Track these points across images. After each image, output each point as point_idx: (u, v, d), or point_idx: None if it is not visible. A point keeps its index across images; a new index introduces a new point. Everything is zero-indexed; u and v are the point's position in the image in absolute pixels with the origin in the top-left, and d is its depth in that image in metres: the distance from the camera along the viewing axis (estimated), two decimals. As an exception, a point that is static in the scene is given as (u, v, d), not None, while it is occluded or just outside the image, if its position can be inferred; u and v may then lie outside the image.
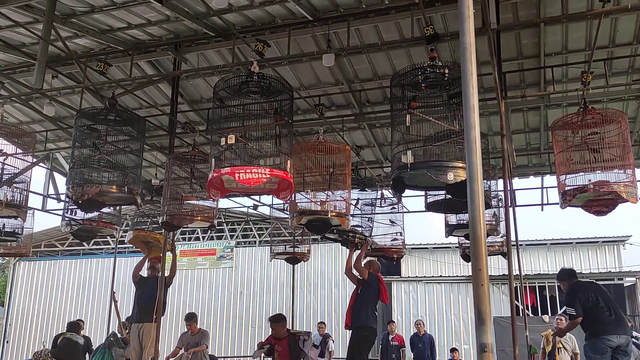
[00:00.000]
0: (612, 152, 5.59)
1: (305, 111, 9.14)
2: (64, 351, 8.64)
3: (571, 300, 6.31)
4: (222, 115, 5.24)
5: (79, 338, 9.00)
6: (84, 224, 8.73)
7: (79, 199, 5.62)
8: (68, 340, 8.75)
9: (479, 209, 2.46)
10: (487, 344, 2.30)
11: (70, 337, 8.80)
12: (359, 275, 6.90)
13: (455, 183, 4.53)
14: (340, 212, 6.28)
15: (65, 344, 8.71)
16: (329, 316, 17.35)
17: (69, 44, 7.23)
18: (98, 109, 6.26)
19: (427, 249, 19.84)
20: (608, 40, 7.25)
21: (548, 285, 17.14)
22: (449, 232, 8.51)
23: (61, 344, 8.73)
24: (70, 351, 8.66)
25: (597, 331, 6.10)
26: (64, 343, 8.74)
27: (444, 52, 7.29)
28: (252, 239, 20.15)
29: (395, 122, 5.12)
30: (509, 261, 6.08)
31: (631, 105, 8.77)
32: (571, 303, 6.29)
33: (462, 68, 2.61)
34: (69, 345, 8.70)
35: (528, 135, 10.04)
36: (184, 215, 6.77)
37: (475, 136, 2.54)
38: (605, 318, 6.13)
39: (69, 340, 8.75)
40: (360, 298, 6.82)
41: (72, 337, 8.84)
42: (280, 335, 7.23)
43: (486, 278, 2.39)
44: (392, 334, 11.40)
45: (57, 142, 10.94)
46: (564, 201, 5.66)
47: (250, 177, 4.63)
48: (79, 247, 21.68)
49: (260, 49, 5.68)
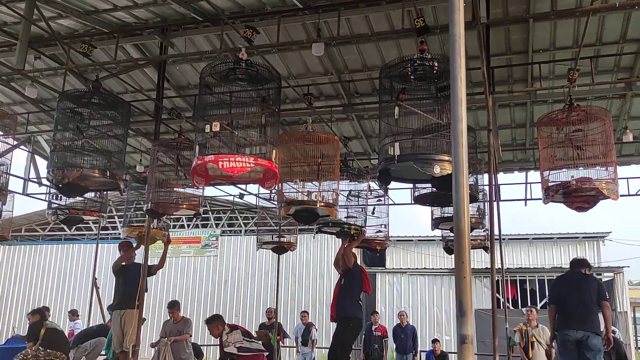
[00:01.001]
0: (595, 149, 5.64)
1: (293, 100, 9.10)
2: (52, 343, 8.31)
3: (549, 289, 6.53)
4: (208, 102, 5.19)
5: (54, 324, 8.76)
6: (71, 213, 8.64)
7: (60, 183, 5.54)
8: (53, 330, 8.39)
9: (463, 202, 2.46)
10: (468, 335, 2.31)
11: (54, 327, 8.48)
12: (347, 263, 6.90)
13: (441, 176, 4.54)
14: (329, 203, 6.27)
15: (51, 334, 8.31)
16: (313, 306, 17.41)
17: (52, 24, 7.09)
18: (81, 92, 6.16)
19: (412, 241, 19.98)
20: (595, 38, 7.30)
21: (529, 279, 17.37)
22: (435, 225, 8.57)
23: (47, 336, 8.24)
24: (58, 341, 8.39)
25: (560, 325, 6.26)
26: (50, 334, 8.30)
27: (433, 44, 7.28)
28: (237, 228, 20.11)
29: (384, 113, 5.10)
30: (491, 255, 6.13)
31: (615, 103, 8.87)
32: (549, 292, 6.49)
33: (451, 60, 2.60)
34: (56, 334, 8.38)
35: (514, 131, 10.11)
36: (169, 203, 6.71)
37: (462, 129, 2.53)
38: (567, 312, 6.23)
39: (54, 330, 8.41)
40: (344, 289, 6.84)
41: (53, 325, 8.56)
42: (217, 335, 7.50)
43: (468, 271, 2.40)
44: (376, 324, 11.47)
45: (39, 125, 10.78)
46: (546, 196, 5.72)
47: (234, 166, 4.59)
48: (61, 233, 21.47)
49: (249, 35, 5.62)
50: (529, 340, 8.20)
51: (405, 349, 11.86)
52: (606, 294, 6.40)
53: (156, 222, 9.03)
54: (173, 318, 8.78)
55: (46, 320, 8.53)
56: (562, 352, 6.25)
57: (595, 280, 6.59)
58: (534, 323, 8.34)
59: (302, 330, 12.27)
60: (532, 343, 8.17)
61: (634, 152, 10.66)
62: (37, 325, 8.27)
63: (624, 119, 9.15)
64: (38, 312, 8.62)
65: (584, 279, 6.42)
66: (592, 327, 6.05)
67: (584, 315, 6.08)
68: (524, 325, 8.47)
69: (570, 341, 6.08)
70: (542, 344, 8.07)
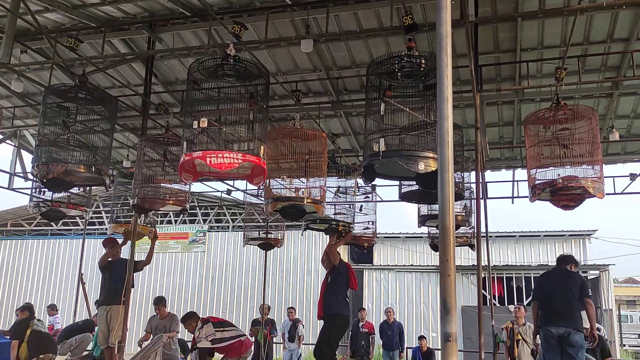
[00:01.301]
0: (582, 148, 5.68)
1: (281, 97, 9.07)
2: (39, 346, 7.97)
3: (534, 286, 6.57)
4: (196, 97, 5.16)
5: (43, 324, 8.52)
6: (53, 206, 8.54)
7: (44, 178, 5.49)
8: (38, 333, 8.07)
9: (448, 200, 2.47)
10: (452, 333, 2.32)
11: (39, 329, 8.15)
12: (332, 260, 6.90)
13: (426, 174, 4.55)
14: (316, 199, 6.27)
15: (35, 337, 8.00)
16: (300, 302, 17.43)
17: (39, 18, 7.01)
18: (68, 86, 6.09)
19: (400, 238, 20.04)
20: (583, 37, 7.35)
21: (515, 276, 17.50)
22: (422, 222, 8.59)
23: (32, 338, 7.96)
24: (44, 343, 8.11)
25: (542, 321, 6.33)
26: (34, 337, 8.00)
27: (422, 42, 7.29)
28: (225, 224, 20.06)
29: (370, 110, 5.10)
30: (477, 252, 6.16)
31: (602, 102, 8.94)
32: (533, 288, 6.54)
33: (438, 58, 2.61)
34: (40, 337, 8.07)
35: (501, 129, 10.16)
36: (155, 199, 6.67)
37: (447, 127, 2.54)
38: (550, 308, 6.29)
39: (39, 333, 8.09)
40: (330, 287, 6.84)
41: (39, 328, 8.20)
42: (192, 332, 7.67)
43: (453, 269, 2.41)
44: (363, 321, 11.50)
45: (25, 119, 10.66)
46: (533, 194, 5.75)
47: (222, 162, 4.57)
48: (47, 228, 21.29)
49: (237, 31, 5.59)
50: (515, 339, 8.19)
51: (392, 346, 11.91)
52: (589, 291, 6.41)
53: (143, 217, 8.98)
54: (159, 314, 8.75)
55: (34, 318, 8.34)
56: (545, 348, 6.32)
57: (579, 277, 6.58)
58: (522, 321, 8.32)
59: (289, 327, 12.27)
60: (518, 341, 8.15)
61: (620, 151, 10.76)
62: (24, 324, 8.08)
63: (611, 117, 9.22)
64: (27, 309, 8.42)
65: (568, 275, 6.45)
66: (574, 324, 6.10)
67: (566, 312, 6.13)
68: (510, 323, 8.47)
69: (553, 337, 6.14)
70: (529, 342, 8.03)
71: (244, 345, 7.71)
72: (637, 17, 6.83)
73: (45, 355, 7.90)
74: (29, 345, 7.86)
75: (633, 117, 9.46)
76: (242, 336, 7.72)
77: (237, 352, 7.65)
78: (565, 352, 6.06)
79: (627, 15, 6.89)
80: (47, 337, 8.33)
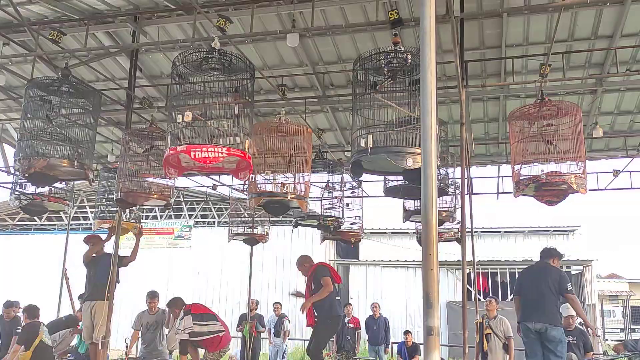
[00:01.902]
0: (566, 144, 5.73)
1: (267, 91, 9.03)
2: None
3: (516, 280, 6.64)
4: (181, 91, 5.12)
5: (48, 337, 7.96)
6: (34, 198, 8.44)
7: (26, 172, 5.42)
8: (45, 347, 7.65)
9: (431, 194, 2.48)
10: (434, 327, 2.33)
11: (45, 343, 7.70)
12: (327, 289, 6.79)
13: (414, 169, 4.56)
14: (299, 195, 6.26)
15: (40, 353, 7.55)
16: (286, 297, 17.41)
17: (21, 9, 6.88)
18: (51, 79, 6.02)
19: (386, 233, 20.11)
20: (567, 34, 7.40)
21: (500, 272, 17.67)
22: (407, 217, 8.62)
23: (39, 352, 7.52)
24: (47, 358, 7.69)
25: (521, 316, 6.40)
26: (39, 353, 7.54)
27: (409, 38, 7.29)
28: (211, 219, 19.98)
29: (357, 106, 5.10)
30: (462, 247, 6.19)
31: (586, 99, 9.02)
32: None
33: (421, 53, 2.61)
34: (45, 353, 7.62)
35: (487, 125, 10.21)
36: (139, 193, 6.61)
37: (431, 122, 2.54)
38: (527, 303, 6.35)
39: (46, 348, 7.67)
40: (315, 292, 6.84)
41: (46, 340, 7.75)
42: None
43: (436, 263, 2.42)
44: (349, 316, 11.54)
45: (8, 113, 10.50)
46: (517, 190, 5.79)
47: (206, 156, 4.55)
48: (30, 223, 21.06)
49: (222, 25, 5.56)
50: (484, 333, 8.07)
51: (378, 340, 11.97)
52: (568, 285, 6.38)
53: (128, 213, 8.91)
54: (151, 308, 8.64)
55: (42, 325, 7.93)
56: (525, 343, 6.38)
57: (557, 272, 6.54)
58: (493, 314, 8.22)
59: (275, 322, 12.29)
60: (488, 335, 7.99)
61: (604, 147, 10.86)
62: (34, 331, 7.63)
63: (595, 114, 9.31)
64: (34, 313, 7.99)
65: (546, 271, 6.47)
66: (551, 319, 6.14)
67: (541, 307, 6.18)
68: (481, 318, 8.37)
69: (531, 332, 6.21)
70: (500, 336, 7.82)
71: (223, 340, 7.72)
72: (620, 14, 6.88)
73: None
74: (34, 356, 7.48)
75: (616, 113, 9.55)
76: (221, 332, 7.71)
77: (215, 347, 7.67)
78: (544, 346, 6.13)
79: (611, 12, 6.94)
80: (51, 352, 7.92)
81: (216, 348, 7.69)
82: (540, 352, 6.16)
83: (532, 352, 6.26)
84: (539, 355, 6.17)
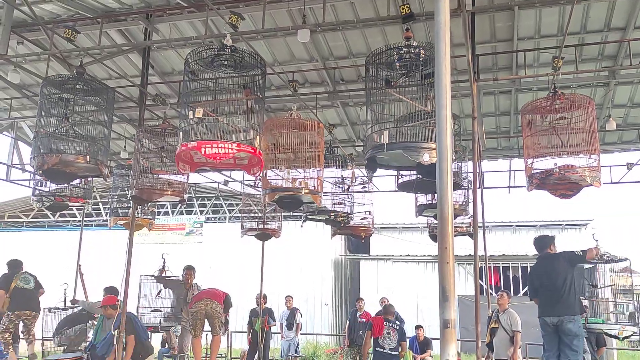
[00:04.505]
0: (579, 137, 5.70)
1: (278, 87, 9.06)
2: (19, 303, 8.36)
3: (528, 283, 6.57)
4: (193, 88, 5.16)
5: (28, 282, 8.69)
6: (56, 200, 8.58)
7: (40, 169, 5.50)
8: (19, 290, 8.45)
9: (447, 188, 2.49)
10: (450, 320, 2.35)
11: (21, 286, 8.51)
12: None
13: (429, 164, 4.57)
14: (312, 190, 6.28)
15: (17, 294, 8.41)
16: (297, 292, 17.49)
17: (35, 8, 6.96)
18: (65, 78, 6.07)
19: (397, 228, 20.09)
20: (580, 26, 7.36)
21: (512, 266, 17.61)
22: (419, 211, 8.61)
23: (15, 294, 8.41)
24: (25, 300, 8.42)
25: (538, 312, 6.37)
26: (16, 294, 8.42)
27: (419, 32, 7.29)
28: (222, 215, 20.07)
29: (370, 101, 5.11)
30: (474, 242, 6.19)
31: (599, 91, 8.96)
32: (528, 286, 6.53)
33: (436, 47, 2.62)
34: (23, 294, 8.44)
35: (498, 119, 10.17)
36: (153, 189, 6.67)
37: (446, 115, 2.55)
38: (542, 299, 6.32)
39: (20, 289, 8.46)
40: None
41: (21, 284, 8.53)
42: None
43: (451, 256, 2.43)
44: (360, 310, 11.54)
45: (22, 111, 10.62)
46: (530, 184, 5.78)
47: (216, 152, 4.58)
48: (44, 219, 21.28)
49: (234, 21, 5.57)
50: (490, 327, 8.03)
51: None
52: (575, 253, 6.35)
53: (141, 209, 8.99)
54: (188, 282, 8.71)
55: (19, 273, 8.60)
56: (543, 337, 6.38)
57: (559, 255, 6.47)
58: (504, 307, 8.18)
59: (287, 315, 12.37)
60: (495, 329, 7.94)
61: (617, 140, 10.79)
62: (8, 278, 8.48)
63: (608, 107, 9.25)
64: (9, 265, 8.81)
65: (550, 261, 6.43)
66: (567, 310, 6.09)
67: (556, 300, 6.16)
68: (491, 312, 8.31)
69: (549, 325, 6.20)
70: (507, 329, 7.75)
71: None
72: (634, 5, 6.83)
73: (22, 312, 8.26)
74: (11, 298, 8.32)
75: (630, 106, 9.48)
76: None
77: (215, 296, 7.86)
78: (561, 340, 6.12)
79: (624, 3, 6.89)
80: (29, 294, 8.56)
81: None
82: (557, 347, 6.15)
83: (549, 346, 6.25)
84: (555, 349, 6.16)
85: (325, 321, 18.03)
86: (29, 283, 8.68)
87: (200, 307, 7.47)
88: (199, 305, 7.56)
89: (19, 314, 8.21)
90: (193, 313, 7.68)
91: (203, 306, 7.44)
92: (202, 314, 7.44)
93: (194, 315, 7.63)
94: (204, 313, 7.44)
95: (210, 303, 7.41)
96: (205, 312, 7.49)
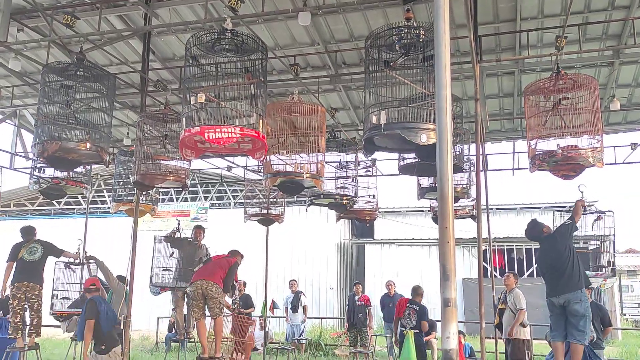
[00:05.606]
0: (583, 117, 5.66)
1: (280, 71, 9.03)
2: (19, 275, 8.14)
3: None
4: (194, 73, 5.14)
5: (34, 253, 8.44)
6: (53, 182, 8.58)
7: (41, 156, 5.52)
8: (21, 262, 8.24)
9: (447, 167, 2.48)
10: (451, 298, 2.36)
11: (26, 258, 8.29)
12: None
13: (427, 145, 4.54)
14: (314, 174, 6.28)
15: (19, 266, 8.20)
16: (302, 276, 17.58)
17: (34, -5, 6.95)
18: (66, 64, 6.06)
19: (401, 212, 20.10)
20: (583, 5, 7.28)
21: (516, 248, 17.62)
22: (421, 194, 8.60)
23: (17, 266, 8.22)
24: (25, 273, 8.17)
25: (546, 293, 6.38)
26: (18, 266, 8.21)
27: (420, 13, 7.22)
28: (226, 201, 20.12)
29: (370, 83, 5.08)
30: (478, 224, 6.18)
31: (603, 71, 8.88)
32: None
33: (435, 25, 2.59)
34: (24, 266, 8.21)
35: (502, 100, 10.12)
36: (155, 175, 6.68)
37: (446, 95, 2.54)
38: (548, 280, 6.35)
39: (22, 261, 8.25)
40: None
41: (27, 255, 8.33)
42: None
43: (452, 236, 2.44)
44: (358, 294, 11.60)
45: (24, 99, 10.63)
46: (532, 165, 5.76)
47: (220, 137, 4.57)
48: (50, 207, 21.37)
49: (233, 5, 5.54)
50: (498, 307, 8.12)
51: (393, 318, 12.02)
52: (566, 224, 6.45)
53: (144, 195, 9.01)
54: (198, 238, 8.89)
55: (28, 242, 8.49)
56: (550, 317, 6.42)
57: (557, 232, 6.54)
58: (511, 287, 8.23)
59: (292, 298, 12.47)
60: (502, 310, 8.04)
61: (621, 121, 10.73)
62: (16, 247, 8.42)
63: (612, 87, 9.18)
64: (22, 231, 8.78)
65: (549, 242, 6.47)
66: (571, 287, 6.08)
67: (559, 279, 6.18)
68: (500, 294, 8.40)
69: (555, 306, 6.23)
70: (513, 309, 7.78)
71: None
72: (638, -17, 6.75)
73: (21, 283, 7.97)
74: (15, 269, 8.16)
75: (634, 85, 9.41)
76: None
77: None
78: (568, 321, 6.15)
79: (629, -18, 6.81)
80: (30, 267, 8.29)
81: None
82: (564, 327, 6.18)
83: (556, 326, 6.29)
84: (562, 329, 6.20)
85: (331, 305, 18.12)
86: (34, 254, 8.40)
87: (197, 288, 7.26)
88: (195, 286, 7.36)
89: (18, 285, 7.91)
90: (190, 294, 7.58)
91: (199, 286, 7.20)
92: (199, 294, 7.19)
93: (192, 297, 7.50)
94: (200, 293, 7.19)
95: (206, 284, 7.09)
96: (202, 293, 7.25)
